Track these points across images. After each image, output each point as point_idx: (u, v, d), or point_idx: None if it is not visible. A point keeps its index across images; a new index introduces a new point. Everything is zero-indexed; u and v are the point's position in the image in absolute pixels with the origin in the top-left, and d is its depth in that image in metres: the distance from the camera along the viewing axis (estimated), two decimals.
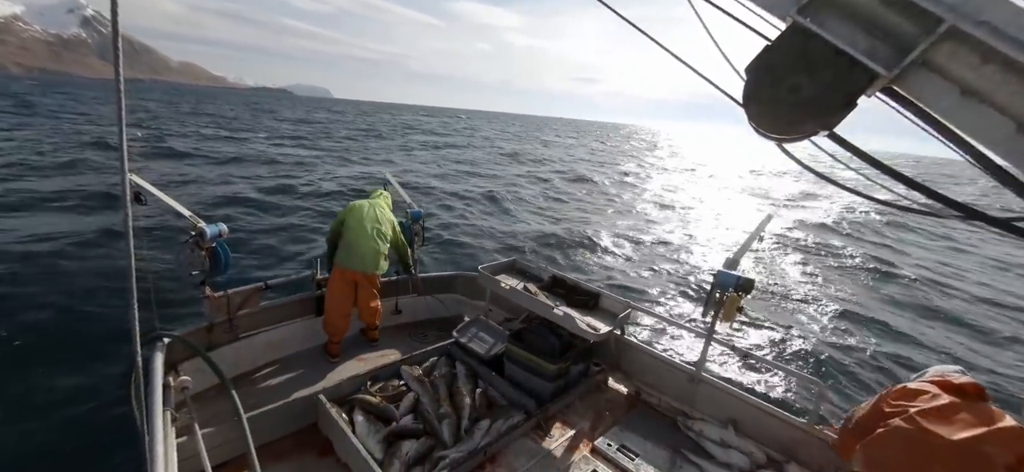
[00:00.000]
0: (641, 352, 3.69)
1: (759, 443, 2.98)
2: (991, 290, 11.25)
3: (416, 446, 2.62)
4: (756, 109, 1.16)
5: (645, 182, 24.93)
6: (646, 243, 12.39)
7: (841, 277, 11.81)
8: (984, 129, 0.91)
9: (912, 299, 10.25)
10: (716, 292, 2.97)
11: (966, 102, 0.92)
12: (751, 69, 1.15)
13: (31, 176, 12.95)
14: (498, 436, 2.76)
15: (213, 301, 3.17)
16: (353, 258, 3.65)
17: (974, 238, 16.78)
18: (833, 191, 31.01)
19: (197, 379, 2.82)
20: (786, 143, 1.23)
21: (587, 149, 46.28)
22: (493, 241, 11.04)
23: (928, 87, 0.96)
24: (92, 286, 6.66)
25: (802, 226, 17.85)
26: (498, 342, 3.55)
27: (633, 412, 3.33)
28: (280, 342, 3.62)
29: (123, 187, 1.48)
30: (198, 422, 2.31)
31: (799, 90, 1.09)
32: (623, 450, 2.88)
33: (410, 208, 4.29)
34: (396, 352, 3.84)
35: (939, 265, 13.46)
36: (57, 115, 31.82)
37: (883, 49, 0.98)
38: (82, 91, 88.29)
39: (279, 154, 22.31)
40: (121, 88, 1.32)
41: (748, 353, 3.85)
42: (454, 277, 4.78)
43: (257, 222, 10.88)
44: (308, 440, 2.75)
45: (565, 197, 18.16)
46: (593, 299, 3.70)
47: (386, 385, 3.15)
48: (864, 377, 6.66)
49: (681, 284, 9.76)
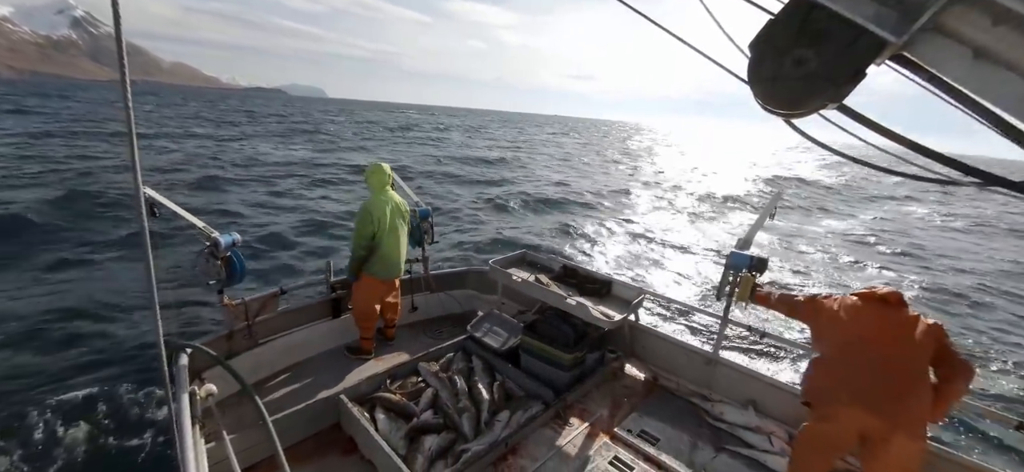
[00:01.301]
0: (656, 337, 3.68)
1: (779, 422, 2.97)
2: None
3: (438, 440, 2.66)
4: (761, 85, 1.14)
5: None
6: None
7: (851, 251, 11.59)
8: (999, 91, 0.89)
9: (929, 276, 10.04)
10: (730, 273, 2.94)
11: (979, 65, 0.89)
12: (755, 44, 1.13)
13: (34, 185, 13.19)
14: (518, 427, 2.79)
15: (231, 309, 3.24)
16: (392, 270, 3.69)
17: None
18: (845, 167, 30.44)
19: (220, 386, 2.89)
20: (794, 118, 1.20)
21: (577, 149, 42.88)
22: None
23: (939, 52, 0.94)
24: (109, 300, 6.84)
25: (810, 200, 17.56)
26: (513, 335, 3.57)
27: (651, 397, 3.33)
28: (299, 346, 3.68)
29: (138, 201, 1.52)
30: (224, 428, 2.37)
31: (805, 63, 1.06)
32: (643, 436, 2.88)
33: (418, 207, 4.32)
34: (412, 350, 3.88)
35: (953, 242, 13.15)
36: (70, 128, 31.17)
37: (891, 15, 0.95)
38: (82, 93, 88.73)
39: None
40: (130, 105, 1.34)
41: (765, 332, 3.82)
42: (466, 273, 4.80)
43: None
44: (331, 440, 2.81)
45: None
46: (605, 287, 3.69)
47: (405, 383, 3.19)
48: None
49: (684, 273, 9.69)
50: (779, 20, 1.10)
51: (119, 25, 1.22)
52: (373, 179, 3.64)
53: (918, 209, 21.47)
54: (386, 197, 3.64)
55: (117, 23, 1.23)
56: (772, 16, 1.12)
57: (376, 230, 3.52)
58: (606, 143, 55.80)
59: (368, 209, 3.53)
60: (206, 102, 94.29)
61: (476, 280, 4.75)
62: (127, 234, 9.42)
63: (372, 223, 3.51)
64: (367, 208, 3.53)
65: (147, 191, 2.27)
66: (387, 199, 3.64)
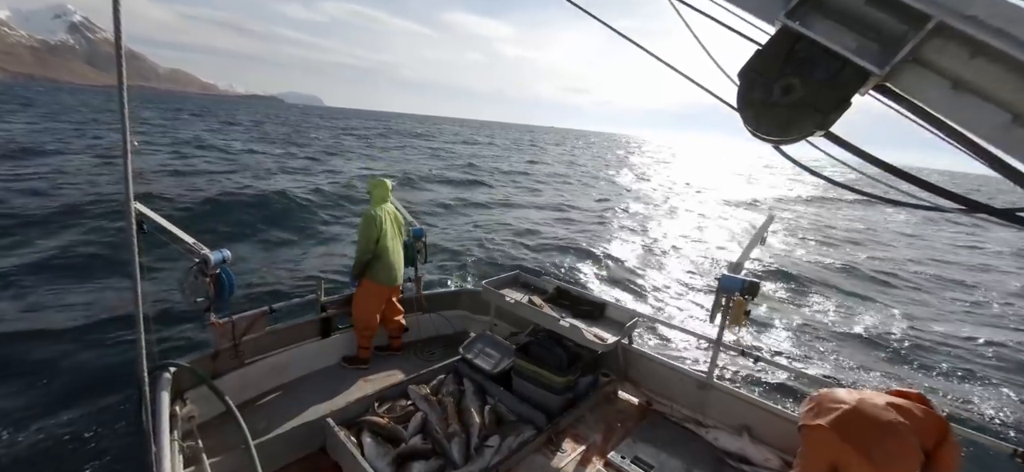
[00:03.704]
0: (650, 361, 3.66)
1: (774, 448, 2.93)
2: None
3: (426, 467, 2.59)
4: (751, 112, 1.17)
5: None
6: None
7: (846, 277, 11.72)
8: (978, 121, 0.92)
9: (919, 294, 10.16)
10: (722, 297, 2.95)
11: (959, 96, 0.93)
12: (744, 73, 1.16)
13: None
14: (509, 453, 2.72)
15: (219, 328, 3.17)
16: (392, 275, 3.85)
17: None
18: (832, 192, 31.04)
19: (204, 406, 2.81)
20: (783, 145, 1.23)
21: (564, 163, 39.21)
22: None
23: (920, 83, 0.97)
24: (94, 316, 6.66)
25: (801, 226, 17.81)
26: (505, 357, 3.53)
27: (644, 422, 3.28)
28: (286, 366, 3.61)
29: (128, 216, 1.50)
30: (206, 450, 2.30)
31: (793, 91, 1.10)
32: (637, 462, 2.83)
33: (412, 226, 4.31)
34: (402, 371, 3.81)
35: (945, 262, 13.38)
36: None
37: (873, 48, 0.99)
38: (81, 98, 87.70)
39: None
40: (126, 116, 1.35)
41: (759, 357, 3.81)
42: (458, 293, 4.77)
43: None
44: (316, 464, 2.72)
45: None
46: (598, 309, 3.68)
47: (393, 405, 3.12)
48: (876, 374, 6.57)
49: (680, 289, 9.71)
50: (767, 50, 1.14)
51: (119, 27, 1.24)
52: (376, 192, 3.93)
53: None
54: (385, 208, 3.92)
55: (117, 28, 1.24)
56: (760, 46, 1.16)
57: (379, 234, 3.77)
58: (613, 159, 55.89)
59: (371, 216, 3.79)
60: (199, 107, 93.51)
61: (469, 300, 4.71)
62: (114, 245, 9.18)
63: (376, 227, 3.76)
64: (370, 215, 3.80)
65: (137, 206, 2.24)
66: (386, 210, 3.92)
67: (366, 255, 3.75)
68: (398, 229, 4.03)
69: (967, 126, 0.94)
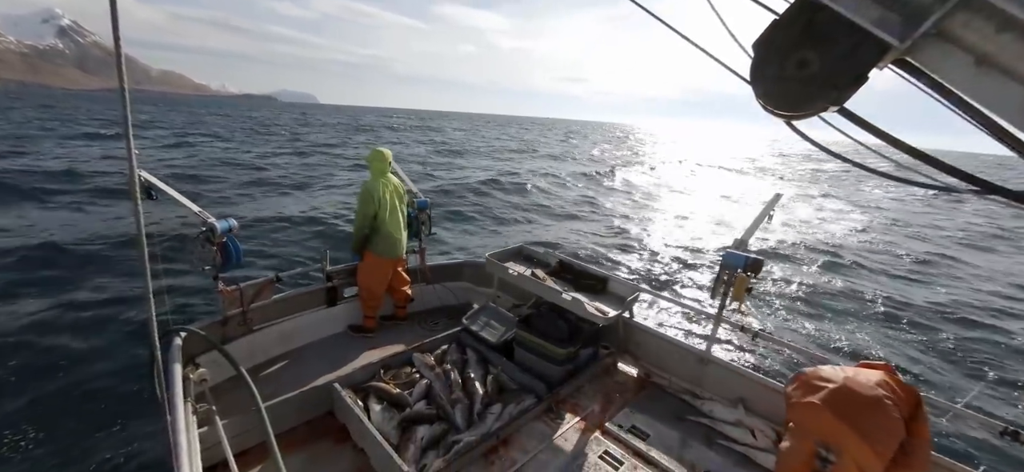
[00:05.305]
0: (650, 335, 3.70)
1: (768, 421, 3.00)
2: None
3: (430, 430, 2.67)
4: (763, 86, 1.13)
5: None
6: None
7: (849, 257, 11.68)
8: (1001, 100, 0.88)
9: (919, 276, 10.14)
10: (724, 273, 2.95)
11: (982, 72, 0.89)
12: (758, 44, 1.12)
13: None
14: (510, 420, 2.80)
15: (227, 295, 3.22)
16: (394, 248, 3.85)
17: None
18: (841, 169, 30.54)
19: (214, 371, 2.88)
20: (795, 120, 1.20)
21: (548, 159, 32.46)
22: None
23: (942, 58, 0.93)
24: (105, 284, 6.80)
25: (812, 208, 17.64)
26: (507, 328, 3.58)
27: (643, 394, 3.35)
28: (293, 333, 3.68)
29: (133, 183, 1.50)
30: (217, 413, 2.37)
31: (808, 65, 1.06)
32: (634, 431, 2.90)
33: (417, 198, 4.30)
34: (407, 340, 3.88)
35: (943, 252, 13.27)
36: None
37: (895, 19, 0.95)
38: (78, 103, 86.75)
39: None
40: (125, 88, 1.33)
41: (757, 333, 3.84)
42: (462, 265, 4.80)
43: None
44: (324, 428, 2.81)
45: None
46: (601, 283, 3.70)
47: (399, 372, 3.20)
48: (872, 349, 6.63)
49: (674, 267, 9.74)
50: (783, 21, 1.09)
51: (116, 22, 1.21)
52: (374, 163, 3.83)
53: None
54: (385, 180, 3.84)
55: (115, 22, 1.22)
56: (776, 16, 1.11)
57: (378, 209, 3.71)
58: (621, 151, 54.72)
59: (369, 190, 3.72)
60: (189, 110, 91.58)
61: (472, 272, 4.75)
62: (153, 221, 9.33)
63: (373, 203, 3.70)
64: (368, 189, 3.73)
65: (143, 174, 2.24)
66: (386, 182, 3.84)
67: (364, 229, 3.73)
68: (400, 198, 3.98)
69: (988, 105, 0.91)
